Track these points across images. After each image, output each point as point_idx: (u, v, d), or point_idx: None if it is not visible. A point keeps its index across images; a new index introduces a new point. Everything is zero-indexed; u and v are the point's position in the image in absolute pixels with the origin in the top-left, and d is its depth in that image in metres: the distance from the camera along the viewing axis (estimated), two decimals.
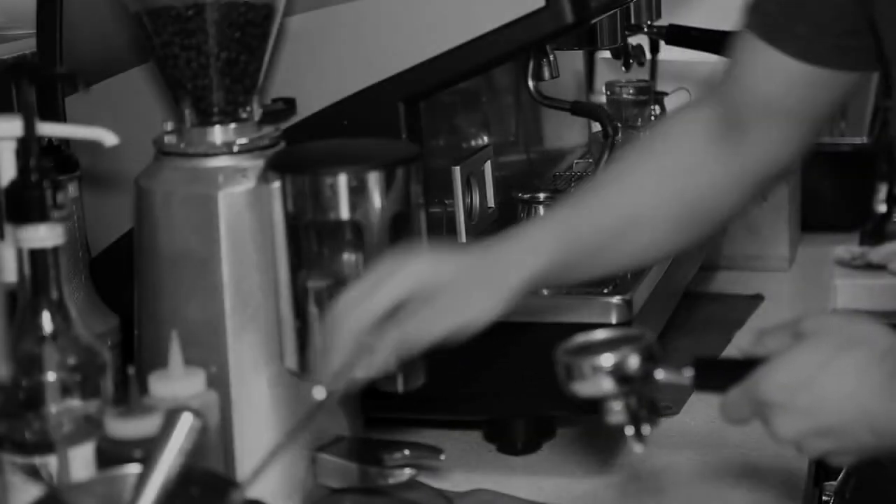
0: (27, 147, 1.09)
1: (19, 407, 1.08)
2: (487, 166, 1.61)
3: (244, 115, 1.29)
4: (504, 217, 1.64)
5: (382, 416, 1.48)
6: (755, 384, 1.04)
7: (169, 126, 1.31)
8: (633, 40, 1.83)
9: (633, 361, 1.05)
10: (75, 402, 1.08)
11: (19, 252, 1.08)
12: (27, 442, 1.08)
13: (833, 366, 1.03)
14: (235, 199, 1.24)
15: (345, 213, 1.18)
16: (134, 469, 1.02)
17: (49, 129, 1.19)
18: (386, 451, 1.27)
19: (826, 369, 1.02)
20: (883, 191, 2.33)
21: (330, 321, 1.13)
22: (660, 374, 1.07)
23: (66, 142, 1.50)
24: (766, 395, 1.03)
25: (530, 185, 1.73)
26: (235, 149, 1.27)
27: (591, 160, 1.93)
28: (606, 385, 1.06)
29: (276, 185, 1.21)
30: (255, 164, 1.26)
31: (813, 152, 1.35)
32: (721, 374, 1.08)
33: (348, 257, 1.20)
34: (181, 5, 1.24)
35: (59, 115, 1.52)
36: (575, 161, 1.96)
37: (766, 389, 1.03)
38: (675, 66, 2.17)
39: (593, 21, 1.53)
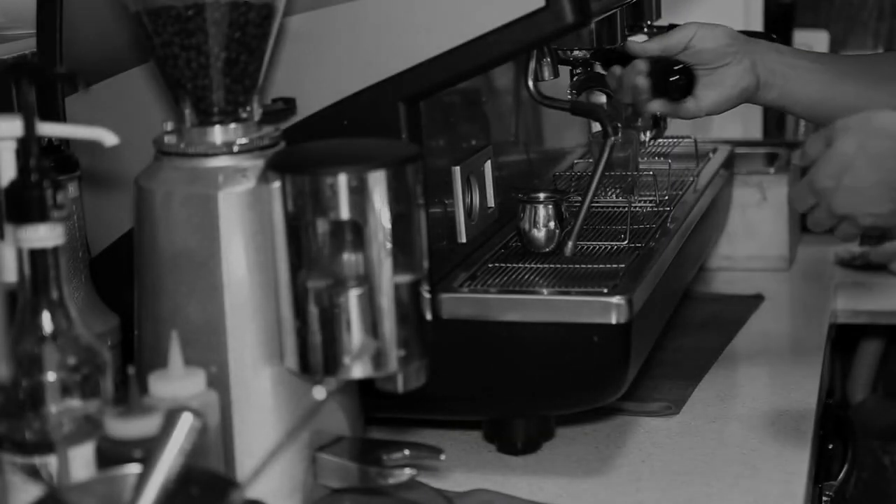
0: (27, 147, 1.09)
1: (19, 407, 1.08)
2: (487, 166, 1.61)
3: (244, 115, 1.29)
4: (504, 217, 1.64)
5: (382, 416, 1.49)
6: (811, 178, 1.41)
7: (169, 126, 1.31)
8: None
9: None
10: (75, 402, 1.08)
11: (19, 252, 1.08)
12: (27, 442, 1.08)
13: (863, 151, 1.38)
14: (235, 199, 1.24)
15: (345, 213, 1.18)
16: (134, 469, 1.02)
17: (49, 129, 1.19)
18: (386, 451, 1.27)
19: (859, 155, 1.38)
20: None
21: None
22: None
23: (66, 142, 1.50)
24: (820, 184, 1.40)
25: (530, 184, 1.74)
26: (235, 149, 1.27)
27: (591, 160, 1.93)
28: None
29: (276, 185, 1.21)
30: (255, 164, 1.26)
31: None
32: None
33: (348, 257, 1.20)
34: (181, 5, 1.24)
35: (59, 115, 1.52)
36: (575, 161, 1.96)
37: (818, 180, 1.40)
38: None
39: (593, 21, 1.53)
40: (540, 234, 1.57)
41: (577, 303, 1.41)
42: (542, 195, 1.59)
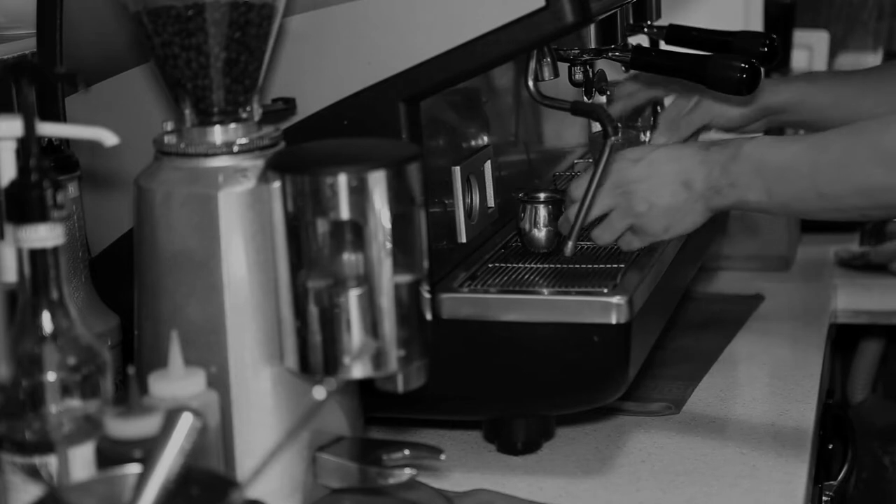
0: (27, 147, 1.09)
1: (19, 407, 1.08)
2: (487, 166, 1.61)
3: (244, 115, 1.29)
4: (504, 217, 1.64)
5: (382, 416, 1.49)
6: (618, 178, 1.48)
7: (169, 126, 1.31)
8: (633, 40, 1.83)
9: None
10: (75, 402, 1.08)
11: (19, 252, 1.08)
12: (27, 442, 1.08)
13: (665, 149, 1.48)
14: (235, 199, 1.24)
15: (345, 213, 1.18)
16: (134, 469, 1.02)
17: (49, 129, 1.19)
18: (386, 451, 1.27)
19: (659, 153, 1.48)
20: None
21: None
22: None
23: (66, 142, 1.50)
24: (622, 180, 1.47)
25: (531, 185, 1.74)
26: (235, 149, 1.27)
27: (591, 160, 1.93)
28: None
29: (276, 185, 1.21)
30: (255, 164, 1.26)
31: None
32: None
33: (348, 257, 1.20)
34: (181, 5, 1.24)
35: (59, 115, 1.52)
36: (575, 161, 1.96)
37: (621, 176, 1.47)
38: None
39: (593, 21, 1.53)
40: (540, 234, 1.57)
41: (577, 303, 1.41)
42: (542, 195, 1.59)
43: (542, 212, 1.57)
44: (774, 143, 1.43)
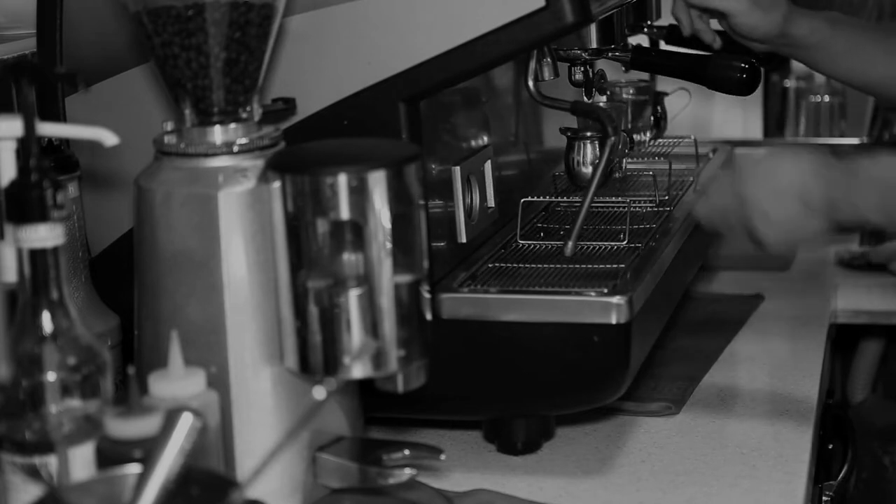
0: (27, 147, 1.09)
1: (19, 407, 1.08)
2: (487, 166, 1.61)
3: (244, 115, 1.29)
4: (504, 217, 1.64)
5: (382, 416, 1.49)
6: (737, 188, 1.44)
7: (169, 126, 1.31)
8: (633, 40, 1.83)
9: None
10: (75, 402, 1.08)
11: (19, 252, 1.08)
12: (27, 442, 1.08)
13: (784, 159, 1.43)
14: (235, 199, 1.24)
15: (345, 213, 1.18)
16: (134, 469, 1.02)
17: (49, 129, 1.19)
18: (386, 451, 1.27)
19: (779, 160, 1.43)
20: None
21: None
22: None
23: (66, 142, 1.50)
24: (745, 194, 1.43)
25: (530, 185, 1.74)
26: (235, 149, 1.27)
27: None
28: None
29: (276, 185, 1.21)
30: (255, 164, 1.26)
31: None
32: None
33: (348, 257, 1.20)
34: (181, 5, 1.24)
35: (59, 115, 1.52)
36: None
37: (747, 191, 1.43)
38: None
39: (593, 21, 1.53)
40: (586, 170, 1.66)
41: (577, 303, 1.41)
42: (588, 133, 1.66)
43: (589, 148, 1.65)
44: (893, 163, 1.41)
